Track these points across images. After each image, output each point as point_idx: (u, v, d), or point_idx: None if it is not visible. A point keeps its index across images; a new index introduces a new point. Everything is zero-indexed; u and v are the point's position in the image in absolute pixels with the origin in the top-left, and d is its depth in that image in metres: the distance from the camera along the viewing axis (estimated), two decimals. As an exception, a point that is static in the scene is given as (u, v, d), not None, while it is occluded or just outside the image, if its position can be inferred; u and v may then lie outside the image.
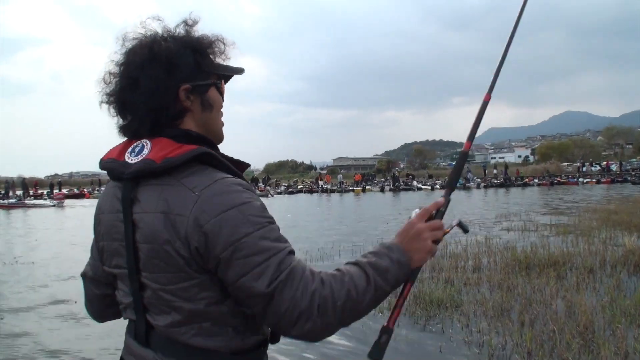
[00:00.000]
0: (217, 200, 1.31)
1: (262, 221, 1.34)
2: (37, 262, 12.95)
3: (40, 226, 23.90)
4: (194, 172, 1.39)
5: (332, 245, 13.85)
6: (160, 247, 1.34)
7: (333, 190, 54.04)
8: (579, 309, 6.26)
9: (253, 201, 1.36)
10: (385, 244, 1.51)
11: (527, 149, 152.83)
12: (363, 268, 1.41)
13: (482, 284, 8.20)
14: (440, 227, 1.58)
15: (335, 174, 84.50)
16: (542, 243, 11.63)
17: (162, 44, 1.46)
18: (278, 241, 1.35)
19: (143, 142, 1.45)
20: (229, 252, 1.29)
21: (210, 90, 1.55)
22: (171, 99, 1.45)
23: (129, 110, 1.48)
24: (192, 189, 1.34)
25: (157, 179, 1.40)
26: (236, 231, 1.29)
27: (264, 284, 1.28)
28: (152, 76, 1.42)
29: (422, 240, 1.52)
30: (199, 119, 1.53)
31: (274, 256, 1.31)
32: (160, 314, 1.41)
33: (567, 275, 8.58)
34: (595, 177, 56.35)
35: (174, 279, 1.36)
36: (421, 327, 6.45)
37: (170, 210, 1.34)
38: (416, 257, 1.50)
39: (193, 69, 1.49)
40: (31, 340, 6.67)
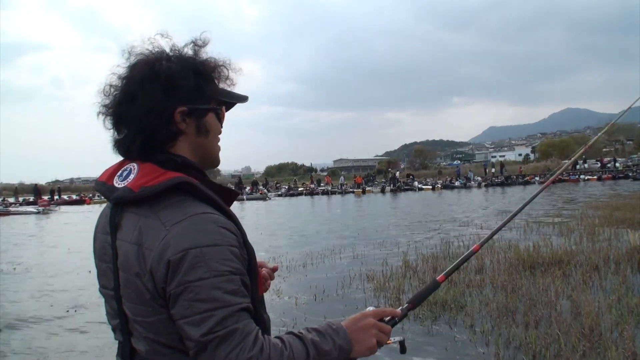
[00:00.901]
0: (183, 237, 1.29)
1: (222, 269, 1.29)
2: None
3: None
4: (172, 204, 1.36)
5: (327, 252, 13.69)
6: (132, 278, 1.34)
7: (334, 192, 53.91)
8: (584, 309, 6.17)
9: (221, 245, 1.31)
10: (333, 325, 1.46)
11: (528, 147, 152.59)
12: (306, 346, 1.36)
13: (486, 285, 8.10)
14: (388, 333, 1.57)
15: (336, 175, 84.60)
16: (545, 242, 11.54)
17: (163, 64, 1.45)
18: (232, 294, 1.30)
19: (131, 166, 1.44)
20: (179, 291, 1.26)
21: (209, 115, 1.53)
22: (165, 120, 1.43)
23: (124, 124, 1.47)
24: (165, 222, 1.32)
25: (137, 208, 1.40)
26: (191, 273, 1.26)
27: (200, 332, 1.25)
28: (150, 94, 1.41)
29: (368, 336, 1.50)
30: (193, 143, 1.51)
31: (221, 309, 1.26)
32: (139, 341, 1.41)
33: (572, 274, 8.49)
34: (596, 173, 56.17)
35: (143, 312, 1.36)
36: (427, 328, 6.40)
37: (142, 242, 1.33)
38: (357, 348, 1.47)
39: (193, 91, 1.47)
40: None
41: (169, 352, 1.36)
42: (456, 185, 53.04)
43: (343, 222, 22.48)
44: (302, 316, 7.25)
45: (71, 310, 8.50)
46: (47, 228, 27.93)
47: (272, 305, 7.96)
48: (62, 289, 10.41)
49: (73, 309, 8.52)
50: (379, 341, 1.52)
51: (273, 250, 14.09)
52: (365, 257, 12.05)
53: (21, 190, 61.99)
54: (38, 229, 27.28)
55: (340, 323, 1.49)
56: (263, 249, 14.14)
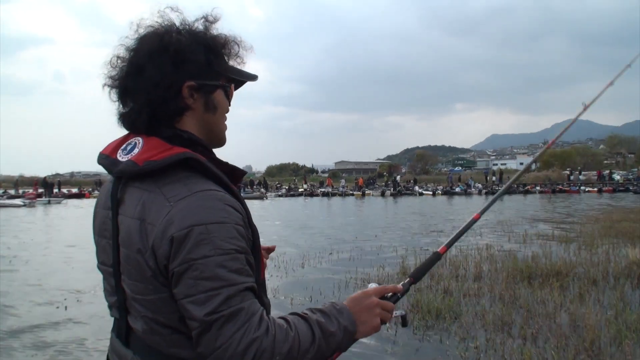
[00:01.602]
0: (188, 214, 1.24)
1: (227, 247, 1.25)
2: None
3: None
4: (177, 179, 1.33)
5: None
6: (134, 254, 1.30)
7: (334, 194, 53.85)
8: (583, 322, 6.07)
9: (226, 223, 1.27)
10: (337, 305, 1.45)
11: (530, 156, 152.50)
12: (311, 327, 1.35)
13: (483, 295, 7.99)
14: (391, 310, 1.56)
15: (337, 177, 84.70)
16: (545, 252, 11.41)
17: (173, 36, 1.42)
18: (237, 273, 1.26)
19: (136, 140, 1.41)
20: (183, 268, 1.22)
21: (217, 92, 1.49)
22: (173, 94, 1.40)
23: (130, 97, 1.44)
24: (169, 198, 1.28)
25: (141, 182, 1.36)
26: (196, 250, 1.21)
27: (204, 311, 1.21)
28: (158, 67, 1.38)
29: (372, 315, 1.49)
30: (200, 119, 1.47)
31: (226, 288, 1.22)
32: (137, 320, 1.37)
33: (570, 286, 8.37)
34: (596, 185, 56.17)
35: (143, 290, 1.32)
36: (419, 337, 6.27)
37: (145, 217, 1.29)
38: (362, 329, 1.46)
39: (202, 66, 1.43)
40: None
41: (167, 332, 1.33)
42: (457, 192, 53.03)
43: (342, 224, 22.38)
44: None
45: (68, 299, 8.43)
46: (44, 221, 27.83)
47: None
48: (59, 281, 10.33)
49: (67, 301, 8.43)
50: (382, 319, 1.51)
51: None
52: (362, 260, 11.98)
53: (21, 183, 61.95)
54: (27, 222, 27.18)
55: (344, 303, 1.47)
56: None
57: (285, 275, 10.47)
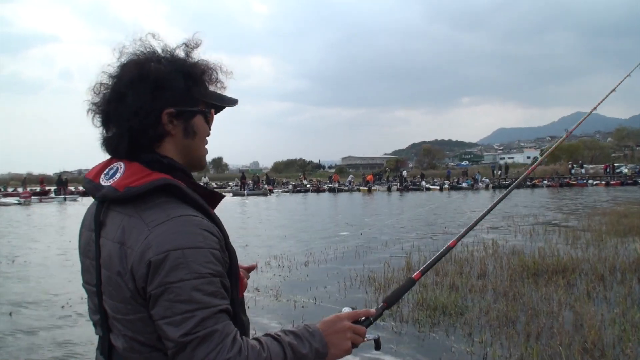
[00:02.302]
0: (166, 239, 1.29)
1: (203, 271, 1.30)
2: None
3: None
4: (156, 204, 1.37)
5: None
6: (114, 276, 1.35)
7: (340, 190, 53.76)
8: (587, 322, 6.02)
9: (202, 247, 1.32)
10: (309, 328, 1.49)
11: (536, 149, 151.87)
12: (284, 348, 1.39)
13: (488, 291, 7.97)
14: (362, 334, 1.60)
15: (344, 172, 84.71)
16: (551, 248, 11.37)
17: (152, 65, 1.46)
18: (212, 296, 1.31)
19: (118, 165, 1.46)
20: (159, 291, 1.27)
21: (196, 117, 1.54)
22: (153, 120, 1.44)
23: (112, 123, 1.48)
24: (148, 223, 1.33)
25: (122, 207, 1.41)
26: (172, 274, 1.27)
27: (179, 332, 1.25)
28: (138, 95, 1.42)
29: (343, 339, 1.53)
30: (179, 145, 1.52)
31: (200, 310, 1.27)
32: (118, 338, 1.41)
33: (577, 283, 8.34)
34: (604, 179, 55.92)
35: (123, 310, 1.36)
36: (424, 334, 6.27)
37: (125, 241, 1.35)
38: (333, 351, 1.49)
39: (181, 93, 1.48)
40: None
41: (146, 350, 1.36)
42: (463, 187, 52.82)
43: (348, 220, 22.31)
44: (299, 320, 7.07)
45: (70, 301, 8.43)
46: (61, 218, 27.90)
47: (271, 308, 7.90)
48: (61, 281, 10.36)
49: (69, 302, 8.44)
50: (353, 343, 1.56)
51: (274, 246, 13.99)
52: (367, 258, 11.94)
53: (29, 181, 62.13)
54: (25, 220, 27.26)
55: (316, 326, 1.50)
56: (266, 245, 14.06)
57: (289, 275, 10.42)
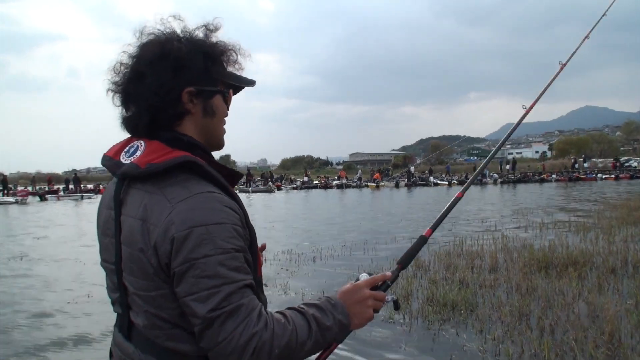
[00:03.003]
0: (189, 215, 1.31)
1: (227, 247, 1.32)
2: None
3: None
4: (178, 181, 1.40)
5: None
6: (136, 253, 1.37)
7: (348, 186, 53.70)
8: (602, 313, 5.92)
9: (225, 223, 1.34)
10: (331, 300, 1.52)
11: (545, 144, 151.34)
12: (308, 321, 1.42)
13: (499, 286, 7.86)
14: (382, 299, 1.63)
15: (352, 169, 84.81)
16: (561, 241, 11.22)
17: (174, 44, 1.47)
18: (236, 271, 1.33)
19: (138, 143, 1.48)
20: (185, 268, 1.29)
21: (216, 97, 1.56)
22: (173, 99, 1.47)
23: (132, 102, 1.50)
24: (170, 199, 1.35)
25: (143, 184, 1.43)
26: (197, 250, 1.28)
27: (206, 308, 1.27)
28: (158, 74, 1.44)
29: (364, 307, 1.56)
30: (199, 124, 1.54)
31: (226, 285, 1.30)
32: (138, 315, 1.44)
33: (589, 276, 8.22)
34: (613, 172, 55.62)
35: (144, 286, 1.38)
36: (434, 332, 6.13)
37: (147, 218, 1.36)
38: (355, 321, 1.53)
39: (201, 73, 1.50)
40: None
41: (167, 326, 1.39)
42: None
43: (355, 216, 22.18)
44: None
45: (79, 297, 8.40)
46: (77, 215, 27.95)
47: (279, 300, 7.83)
48: (71, 278, 10.33)
49: (76, 299, 8.41)
50: (375, 309, 1.59)
51: (281, 241, 13.93)
52: (375, 254, 11.83)
53: (38, 180, 62.38)
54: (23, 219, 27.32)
55: (337, 297, 1.54)
56: (274, 241, 14.01)
57: (297, 270, 10.34)
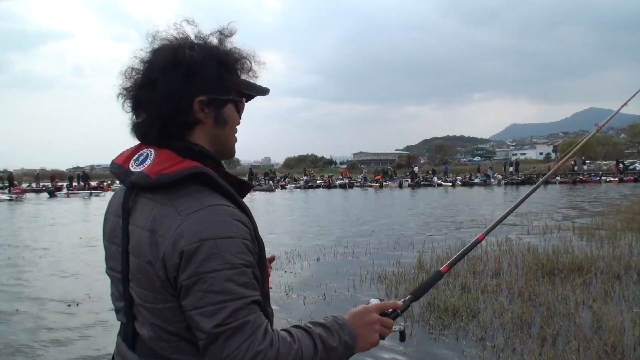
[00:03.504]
0: (199, 228, 1.28)
1: (236, 262, 1.28)
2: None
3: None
4: (189, 193, 1.36)
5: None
6: (144, 265, 1.34)
7: (351, 186, 53.63)
8: (606, 323, 5.83)
9: (235, 238, 1.30)
10: (338, 319, 1.49)
11: (549, 145, 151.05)
12: (314, 340, 1.39)
13: (501, 292, 7.77)
14: (390, 326, 1.60)
15: (355, 168, 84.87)
16: (566, 246, 11.15)
17: (186, 52, 1.43)
18: (244, 287, 1.30)
19: (148, 151, 1.45)
20: (192, 281, 1.26)
21: (228, 106, 1.52)
22: (184, 108, 1.43)
23: (143, 109, 1.47)
24: (180, 211, 1.32)
25: (153, 194, 1.40)
26: (206, 264, 1.25)
27: (212, 323, 1.24)
28: (170, 81, 1.40)
29: (372, 331, 1.53)
30: (210, 133, 1.50)
31: (234, 301, 1.26)
32: (144, 326, 1.40)
33: (593, 282, 8.13)
34: (617, 175, 55.45)
35: (151, 299, 1.35)
36: (435, 337, 6.06)
37: (156, 229, 1.33)
38: (361, 344, 1.50)
39: (214, 81, 1.46)
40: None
41: (174, 339, 1.36)
42: (476, 182, 52.55)
43: (358, 217, 22.08)
44: (308, 316, 6.93)
45: (83, 297, 8.36)
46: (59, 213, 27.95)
47: (280, 303, 7.80)
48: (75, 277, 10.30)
49: (78, 301, 8.37)
50: (381, 335, 1.56)
51: (284, 243, 13.86)
52: (378, 255, 11.75)
53: (42, 177, 62.61)
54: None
55: (345, 318, 1.50)
56: (277, 242, 13.96)
57: (301, 271, 10.29)
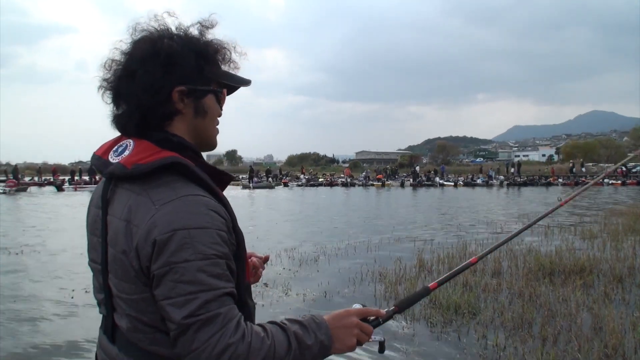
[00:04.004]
0: (172, 218, 1.27)
1: (209, 252, 1.27)
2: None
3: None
4: (164, 183, 1.36)
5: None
6: (119, 255, 1.34)
7: (353, 184, 53.64)
8: (607, 325, 5.79)
9: (209, 228, 1.29)
10: (316, 319, 1.46)
11: (552, 147, 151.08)
12: (289, 338, 1.35)
13: (502, 291, 7.75)
14: (369, 333, 1.57)
15: (358, 167, 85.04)
16: (568, 247, 11.12)
17: (165, 42, 1.44)
18: (217, 278, 1.28)
19: (127, 142, 1.45)
20: (164, 271, 1.25)
21: (208, 96, 1.52)
22: (163, 98, 1.43)
23: (123, 100, 1.47)
24: (155, 201, 1.31)
25: (130, 184, 1.40)
26: (178, 253, 1.24)
27: (182, 314, 1.23)
28: (149, 72, 1.41)
29: (349, 335, 1.50)
30: (190, 124, 1.51)
31: (205, 292, 1.25)
32: (122, 317, 1.40)
33: (594, 284, 8.09)
34: (620, 178, 55.35)
35: (127, 289, 1.35)
36: (437, 334, 6.07)
37: (131, 219, 1.33)
38: (337, 345, 1.47)
39: (193, 72, 1.46)
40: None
41: (150, 330, 1.36)
42: (478, 183, 52.51)
43: (360, 215, 22.06)
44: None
45: (76, 289, 8.34)
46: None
47: (280, 301, 7.77)
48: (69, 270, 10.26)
49: (75, 291, 8.35)
50: (359, 340, 1.53)
51: (283, 241, 13.86)
52: (379, 254, 11.71)
53: (44, 170, 62.81)
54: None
55: (324, 318, 1.48)
56: (276, 240, 13.92)
57: (299, 269, 10.23)
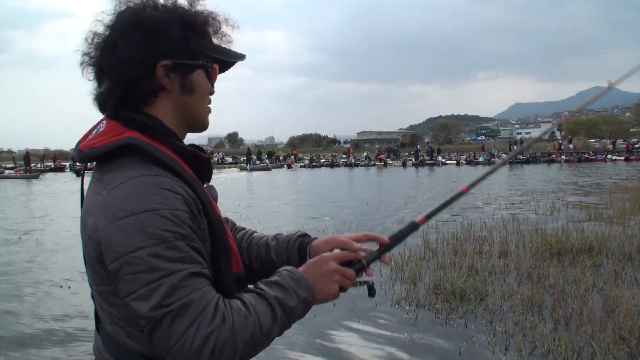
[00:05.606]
0: (118, 204, 1.17)
1: (165, 236, 1.15)
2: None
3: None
4: (118, 166, 1.25)
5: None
6: (84, 246, 1.29)
7: (357, 164, 53.60)
8: (620, 307, 5.59)
9: (160, 209, 1.16)
10: (293, 275, 1.34)
11: (554, 124, 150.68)
12: (271, 304, 1.25)
13: (510, 273, 7.55)
14: (351, 278, 1.44)
15: (360, 147, 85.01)
16: (575, 225, 10.90)
17: (147, 11, 1.33)
18: (179, 262, 1.15)
19: (101, 124, 1.35)
20: (118, 265, 1.15)
21: (196, 72, 1.40)
22: (145, 73, 1.31)
23: (105, 76, 1.35)
24: (106, 186, 1.22)
25: (95, 170, 1.32)
26: (128, 242, 1.13)
27: (148, 305, 1.12)
28: (130, 44, 1.30)
29: (330, 281, 1.39)
30: (175, 101, 1.38)
31: (167, 277, 1.13)
32: (100, 310, 1.34)
33: (604, 263, 7.90)
34: (623, 154, 55.10)
35: (95, 281, 1.29)
36: (442, 322, 5.84)
37: (88, 208, 1.26)
38: (318, 297, 1.37)
39: (178, 44, 1.35)
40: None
41: (122, 324, 1.28)
42: (480, 161, 52.31)
43: (363, 196, 21.86)
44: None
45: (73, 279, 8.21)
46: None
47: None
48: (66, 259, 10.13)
49: (71, 281, 8.21)
50: (342, 287, 1.43)
51: (283, 226, 13.67)
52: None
53: (47, 157, 62.84)
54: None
55: (299, 271, 1.37)
56: (278, 224, 13.76)
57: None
